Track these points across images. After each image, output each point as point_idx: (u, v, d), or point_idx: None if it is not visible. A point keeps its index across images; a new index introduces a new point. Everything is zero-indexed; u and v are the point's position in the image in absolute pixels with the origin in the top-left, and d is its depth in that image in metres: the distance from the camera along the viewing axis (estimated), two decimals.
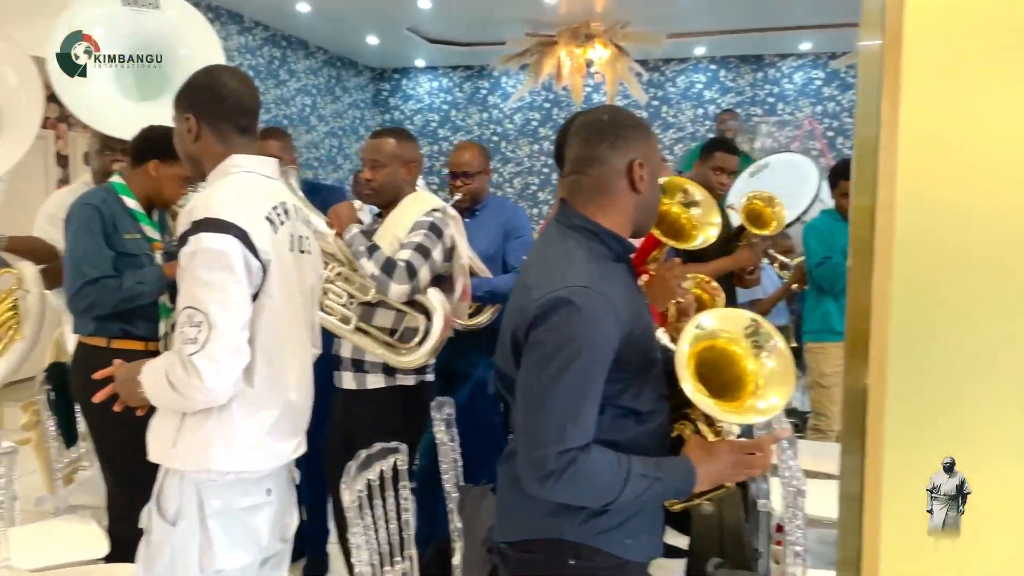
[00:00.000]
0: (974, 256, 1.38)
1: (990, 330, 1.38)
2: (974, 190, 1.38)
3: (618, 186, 1.47)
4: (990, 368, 1.39)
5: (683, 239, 2.16)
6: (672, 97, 8.20)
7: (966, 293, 1.39)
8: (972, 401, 1.40)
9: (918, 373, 1.41)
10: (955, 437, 1.43)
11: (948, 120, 1.39)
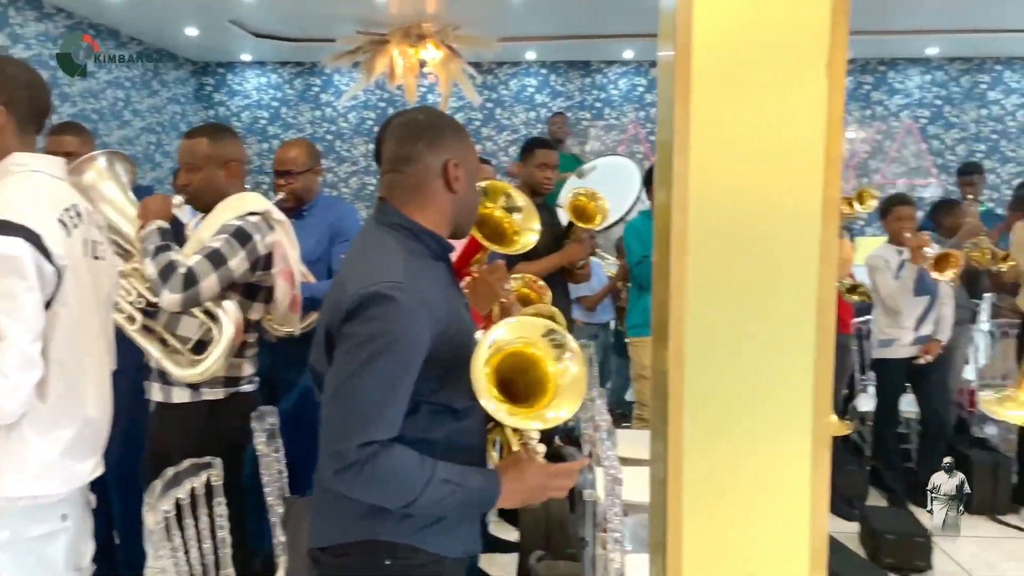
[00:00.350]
0: (761, 247, 1.50)
1: (778, 319, 1.50)
2: (760, 187, 1.49)
3: (434, 185, 1.49)
4: (777, 354, 1.51)
5: (504, 243, 2.21)
6: (505, 99, 8.35)
7: (757, 283, 1.50)
8: (765, 387, 1.52)
9: (714, 360, 1.51)
10: (752, 423, 1.54)
11: (735, 124, 1.50)
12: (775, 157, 1.48)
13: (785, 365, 1.50)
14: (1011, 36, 6.90)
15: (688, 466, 1.52)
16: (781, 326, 1.49)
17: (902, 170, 8.01)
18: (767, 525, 1.53)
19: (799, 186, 1.47)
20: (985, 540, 3.60)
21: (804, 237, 1.47)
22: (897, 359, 3.95)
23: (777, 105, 1.47)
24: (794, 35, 1.46)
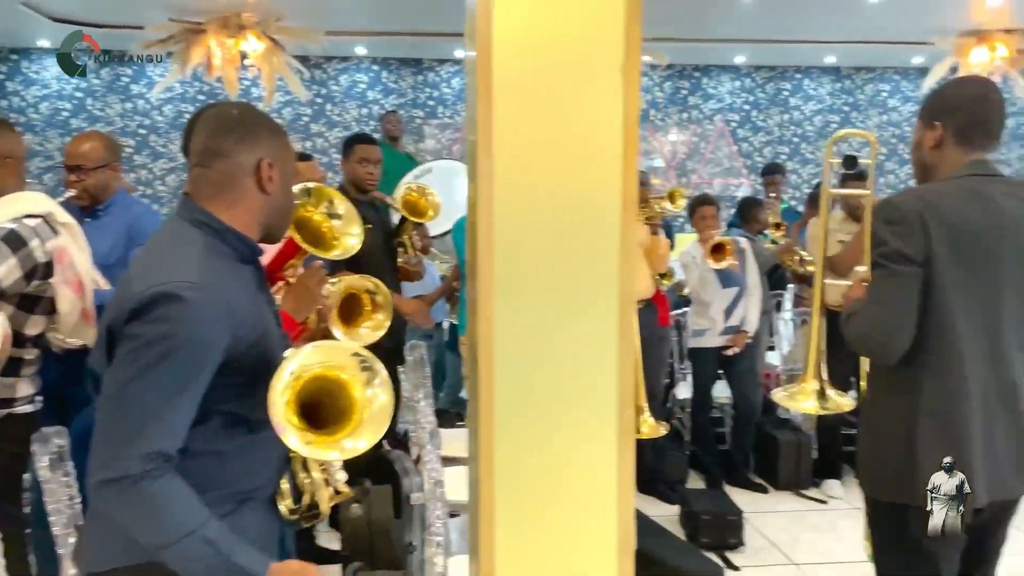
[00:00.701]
0: (565, 245, 1.51)
1: (582, 315, 1.52)
2: (562, 186, 1.51)
3: (244, 184, 1.41)
4: (582, 349, 1.53)
5: (323, 247, 2.13)
6: (336, 95, 8.14)
7: (562, 280, 1.51)
8: (572, 381, 1.54)
9: (522, 357, 1.51)
10: (560, 418, 1.55)
11: (536, 123, 1.50)
12: (575, 156, 1.50)
13: (590, 359, 1.52)
14: (809, 47, 7.54)
15: (499, 463, 1.51)
16: (585, 322, 1.51)
17: (716, 170, 8.54)
18: (576, 515, 1.55)
19: (599, 185, 1.50)
20: (790, 514, 3.89)
21: (605, 234, 1.50)
22: (709, 348, 4.19)
23: (576, 105, 1.49)
24: (590, 37, 1.48)
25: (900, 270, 1.66)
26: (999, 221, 1.67)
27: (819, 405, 1.98)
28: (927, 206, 1.67)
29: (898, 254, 1.66)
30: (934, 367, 1.70)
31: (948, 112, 1.76)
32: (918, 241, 1.65)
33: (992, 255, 1.67)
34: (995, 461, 1.69)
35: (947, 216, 1.66)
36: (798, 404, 2.01)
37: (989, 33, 6.53)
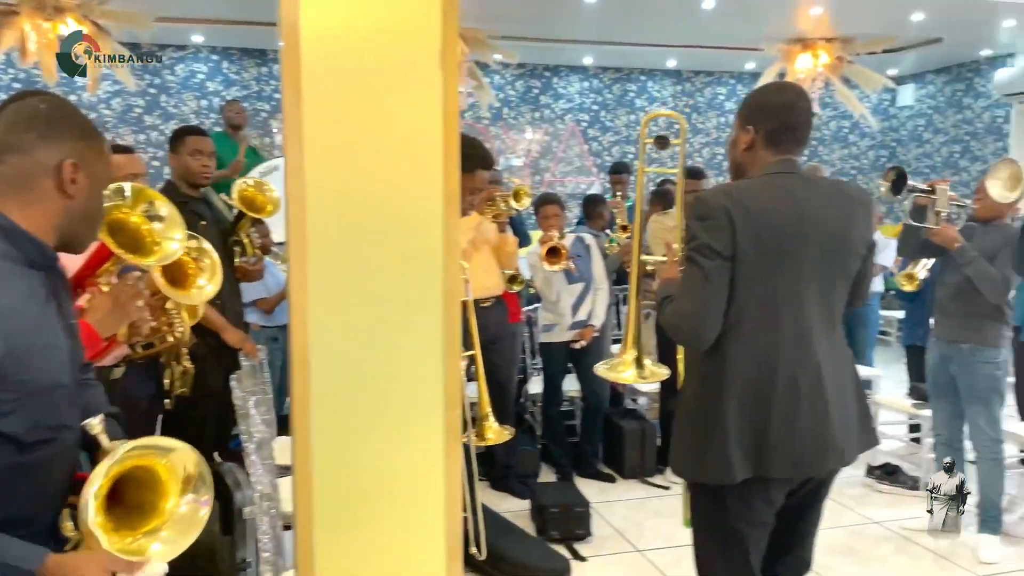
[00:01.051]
0: (385, 242, 1.45)
1: (404, 314, 1.47)
2: (381, 181, 1.44)
3: (42, 185, 1.29)
4: (406, 349, 1.48)
5: (142, 253, 1.97)
6: (172, 86, 7.67)
7: (382, 278, 1.45)
8: (395, 383, 1.48)
9: (341, 359, 1.44)
10: (384, 421, 1.49)
11: (351, 117, 1.44)
12: (393, 151, 1.44)
13: (414, 360, 1.47)
14: (652, 50, 7.83)
15: (318, 470, 1.43)
16: (408, 322, 1.46)
17: (568, 169, 8.72)
18: (402, 521, 1.49)
19: (418, 181, 1.45)
20: (635, 502, 4.01)
21: (426, 232, 1.45)
22: (558, 343, 4.25)
23: (392, 98, 1.43)
24: (406, 27, 1.42)
25: (708, 264, 1.72)
26: (802, 215, 1.77)
27: (637, 374, 2.05)
28: (734, 202, 1.74)
29: (707, 248, 1.73)
30: (742, 353, 1.77)
31: (760, 117, 1.85)
32: (725, 235, 1.72)
33: (796, 247, 1.76)
34: (800, 441, 1.78)
35: (753, 211, 1.74)
36: (619, 375, 2.07)
37: (813, 41, 7.01)
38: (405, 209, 1.45)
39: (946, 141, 8.61)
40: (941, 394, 3.59)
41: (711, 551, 1.87)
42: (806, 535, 1.98)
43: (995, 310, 3.35)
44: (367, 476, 1.49)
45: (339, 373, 1.45)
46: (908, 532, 3.66)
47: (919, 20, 6.39)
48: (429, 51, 1.43)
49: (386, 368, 1.47)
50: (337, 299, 1.45)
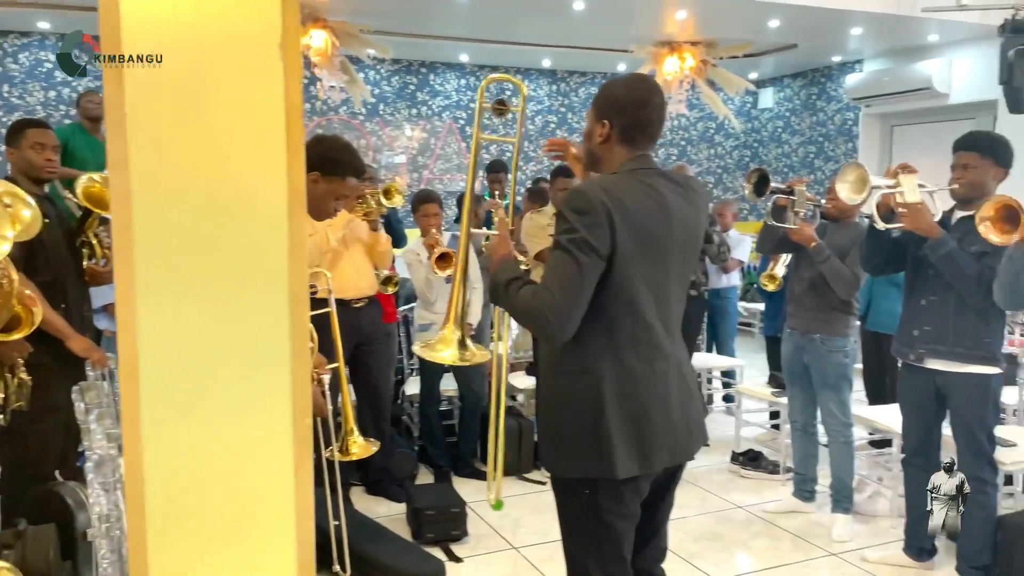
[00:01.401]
0: (223, 242, 1.36)
1: (247, 319, 1.39)
2: (218, 176, 1.36)
3: None
4: (249, 357, 1.40)
5: None
6: (15, 75, 7.09)
7: (221, 280, 1.37)
8: (238, 394, 1.40)
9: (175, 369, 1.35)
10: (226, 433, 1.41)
11: (181, 105, 1.34)
12: (231, 144, 1.36)
13: (258, 367, 1.40)
14: (527, 49, 7.89)
15: (152, 486, 1.34)
16: (251, 326, 1.38)
17: (447, 167, 8.68)
18: (249, 539, 1.42)
19: (260, 175, 1.37)
20: (513, 499, 4.02)
21: (269, 229, 1.37)
22: None
23: (228, 87, 1.34)
24: (241, 9, 1.34)
25: (583, 259, 1.71)
26: (667, 213, 1.80)
27: (458, 355, 1.97)
28: (612, 199, 1.74)
29: (584, 243, 1.71)
30: (620, 350, 1.79)
31: (615, 112, 1.86)
32: (604, 233, 1.72)
33: (662, 244, 1.80)
34: (673, 430, 1.83)
35: (629, 209, 1.75)
36: (437, 354, 1.98)
37: (679, 44, 7.25)
38: (245, 206, 1.37)
39: (802, 142, 9.11)
40: (796, 382, 3.79)
41: (583, 547, 1.87)
42: (662, 524, 2.02)
43: (844, 303, 3.56)
44: (209, 493, 1.40)
45: (173, 383, 1.35)
46: (769, 515, 3.84)
47: (775, 26, 6.72)
48: (268, 37, 1.36)
49: (227, 377, 1.38)
50: (169, 303, 1.36)
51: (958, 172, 3.01)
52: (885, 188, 2.99)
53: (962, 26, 6.37)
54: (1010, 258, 2.61)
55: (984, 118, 7.13)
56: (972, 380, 2.94)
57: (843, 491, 3.66)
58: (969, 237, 2.89)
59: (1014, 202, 2.40)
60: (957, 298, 2.92)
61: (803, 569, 3.30)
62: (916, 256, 3.06)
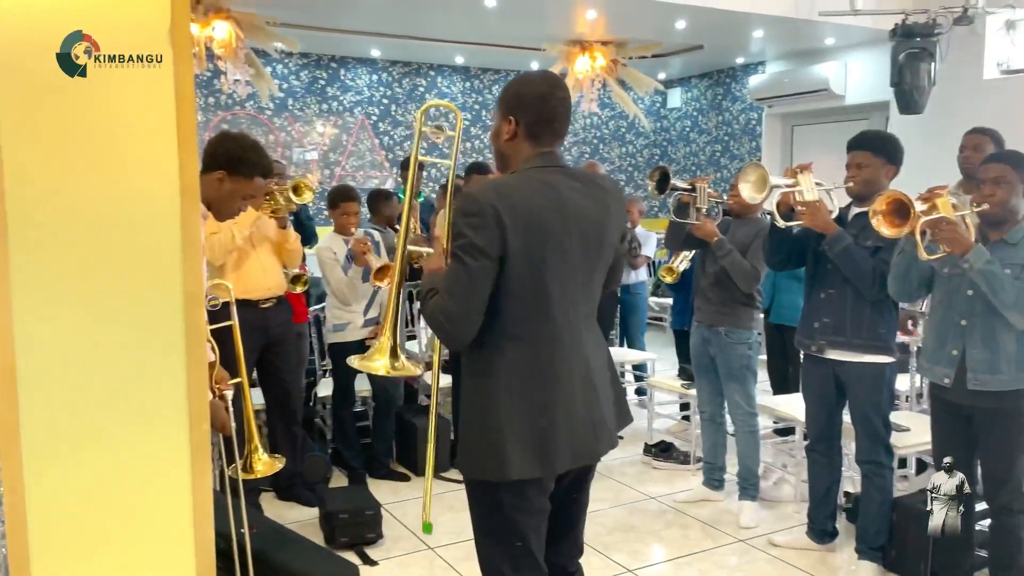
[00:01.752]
0: (110, 240, 1.28)
1: (137, 320, 1.32)
2: (101, 172, 1.28)
3: None
4: (140, 360, 1.33)
5: None
6: None
7: (108, 280, 1.29)
8: (128, 399, 1.33)
9: (56, 375, 1.26)
10: (115, 441, 1.33)
11: (60, 97, 1.27)
12: (115, 138, 1.29)
13: (151, 372, 1.33)
14: (440, 45, 7.83)
15: (35, 500, 1.26)
16: (142, 328, 1.31)
17: (359, 163, 8.54)
18: (142, 552, 1.35)
19: (149, 171, 1.30)
20: None
21: (162, 228, 1.30)
22: (350, 342, 4.11)
23: (112, 78, 1.28)
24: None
25: (473, 264, 1.71)
26: (565, 209, 1.80)
27: (390, 364, 1.98)
28: (502, 200, 1.73)
29: (473, 247, 1.71)
30: (517, 351, 1.78)
31: (520, 108, 1.85)
32: (493, 234, 1.71)
33: (562, 241, 1.79)
34: (577, 432, 1.82)
35: (521, 209, 1.74)
36: (372, 364, 2.02)
37: (590, 44, 7.34)
38: (134, 203, 1.30)
39: (709, 141, 9.38)
40: (703, 374, 3.88)
41: (493, 546, 1.87)
42: (578, 519, 2.03)
43: (747, 296, 3.67)
44: (99, 504, 1.33)
45: (56, 391, 1.28)
46: (680, 505, 3.93)
47: (682, 28, 6.88)
48: (156, 25, 1.29)
49: (116, 382, 1.31)
50: (50, 306, 1.28)
51: (852, 170, 3.14)
52: (785, 187, 3.10)
53: (856, 30, 6.66)
54: (901, 251, 2.74)
55: (877, 118, 7.49)
56: (868, 369, 3.07)
57: (750, 479, 3.77)
58: (865, 233, 3.02)
59: (904, 196, 2.53)
60: (854, 291, 3.05)
61: (713, 556, 3.39)
62: (815, 251, 3.18)
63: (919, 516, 3.08)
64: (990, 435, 2.63)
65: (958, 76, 6.23)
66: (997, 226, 2.59)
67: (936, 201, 2.50)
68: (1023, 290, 2.44)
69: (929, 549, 3.01)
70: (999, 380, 2.55)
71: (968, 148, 3.76)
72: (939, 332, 2.71)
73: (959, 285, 2.63)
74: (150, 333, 1.36)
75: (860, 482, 3.25)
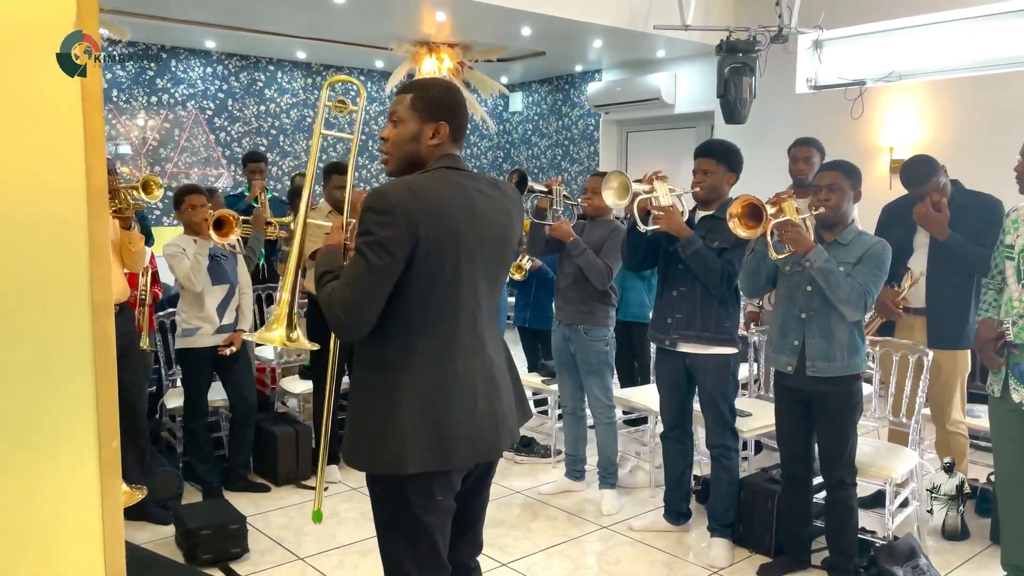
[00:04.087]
0: (11, 247, 1.20)
1: (41, 333, 1.23)
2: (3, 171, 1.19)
3: None
4: (45, 376, 1.24)
5: None
6: None
7: (10, 291, 1.20)
8: (32, 418, 1.23)
9: None
10: (19, 463, 1.24)
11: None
12: (18, 137, 1.20)
13: (56, 388, 1.24)
14: (281, 39, 7.57)
15: None
16: (45, 340, 1.22)
17: (193, 160, 8.09)
18: (54, 570, 1.26)
19: (52, 171, 1.22)
20: (293, 508, 3.88)
21: (66, 232, 1.22)
22: (202, 348, 3.92)
23: (14, 73, 1.18)
24: None
25: (377, 261, 1.72)
26: (473, 212, 1.84)
27: (286, 335, 1.98)
28: (415, 198, 1.75)
29: (379, 244, 1.72)
30: (421, 348, 1.80)
31: (448, 113, 1.89)
32: (402, 234, 1.73)
33: (471, 243, 1.83)
34: (479, 429, 1.86)
35: (433, 207, 1.77)
36: (269, 335, 2.00)
37: (437, 45, 7.38)
38: (37, 206, 1.22)
39: (550, 144, 9.69)
40: (564, 370, 4.04)
41: (399, 545, 1.86)
42: (477, 517, 2.07)
43: (603, 295, 3.86)
44: (3, 522, 1.23)
45: None
46: (544, 497, 4.07)
47: (528, 34, 7.08)
48: (60, 18, 1.21)
49: (17, 397, 1.22)
50: None
51: (698, 176, 3.39)
52: (643, 193, 3.29)
53: (686, 44, 7.15)
54: (752, 251, 3.01)
55: (703, 127, 8.07)
56: (716, 360, 3.33)
57: (609, 468, 3.97)
58: (711, 234, 3.28)
59: (757, 200, 2.77)
60: (703, 289, 3.29)
61: (580, 544, 3.54)
62: (667, 252, 3.41)
63: (763, 493, 3.39)
64: (826, 416, 2.95)
65: (774, 90, 6.85)
66: (831, 228, 2.91)
67: (783, 205, 2.77)
68: (855, 286, 2.75)
69: (773, 523, 3.32)
70: (833, 367, 2.86)
71: (800, 160, 4.16)
72: (782, 324, 3.00)
73: (799, 282, 2.92)
74: (54, 345, 1.28)
75: (710, 465, 3.51)
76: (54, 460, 1.27)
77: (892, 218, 3.85)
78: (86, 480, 1.29)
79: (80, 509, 1.28)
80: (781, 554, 3.28)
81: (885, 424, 3.75)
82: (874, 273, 2.80)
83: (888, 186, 6.16)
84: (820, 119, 6.60)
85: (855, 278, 2.79)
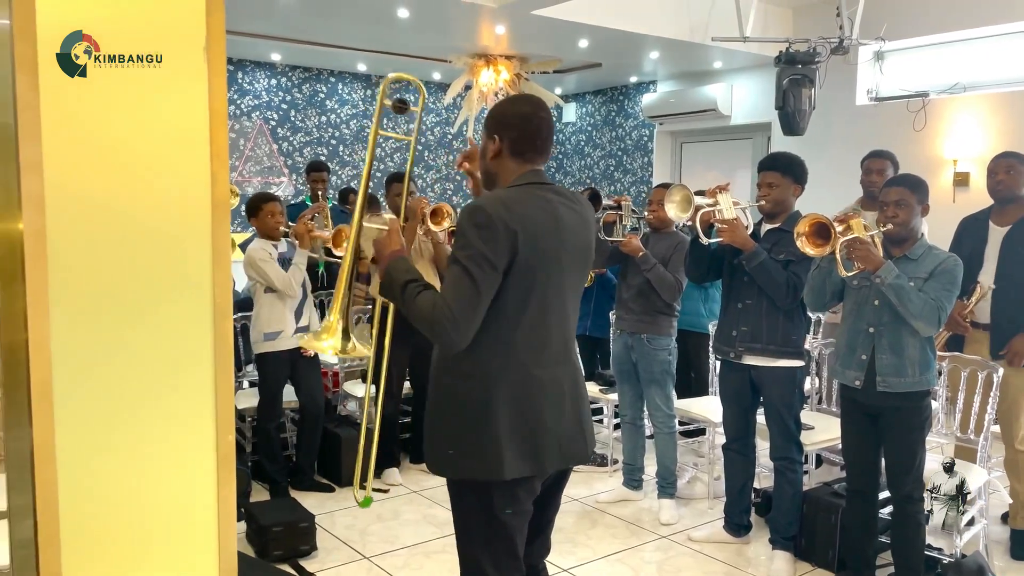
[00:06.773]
0: (144, 251, 1.29)
1: (169, 330, 1.32)
2: (136, 183, 1.28)
3: None
4: (171, 370, 1.33)
5: None
6: None
7: (141, 291, 1.29)
8: (160, 408, 1.32)
9: (92, 386, 1.26)
10: (146, 452, 1.33)
11: (102, 107, 1.26)
12: (151, 152, 1.29)
13: (181, 381, 1.33)
14: (343, 52, 7.76)
15: (66, 513, 1.24)
16: (172, 339, 1.32)
17: (257, 169, 8.33)
18: (172, 560, 1.35)
19: (181, 185, 1.31)
20: (357, 508, 3.97)
21: (193, 239, 1.32)
22: (281, 351, 4.00)
23: (148, 92, 1.28)
24: (163, 13, 1.28)
25: (480, 275, 1.78)
26: (559, 226, 1.90)
27: (340, 346, 2.03)
28: (512, 214, 1.81)
29: (483, 258, 1.78)
30: (516, 358, 1.86)
31: (503, 127, 1.95)
32: (503, 248, 1.79)
33: (557, 256, 1.89)
34: (567, 435, 1.93)
35: (528, 223, 1.83)
36: (319, 344, 2.07)
37: (495, 57, 7.49)
38: (167, 214, 1.31)
39: (603, 155, 9.72)
40: (625, 379, 4.07)
41: (478, 545, 1.92)
42: (550, 520, 2.13)
43: (667, 306, 3.88)
44: (128, 516, 1.32)
45: (89, 401, 1.27)
46: (601, 505, 4.10)
47: (584, 46, 7.14)
48: (191, 40, 1.31)
49: (146, 393, 1.31)
50: (85, 317, 1.27)
51: (764, 190, 3.40)
52: (706, 206, 3.32)
53: (743, 55, 7.12)
54: (817, 267, 3.01)
55: (760, 139, 8.02)
56: (781, 373, 3.33)
57: (668, 478, 3.98)
58: (777, 247, 3.29)
59: (825, 219, 2.78)
60: (769, 302, 3.30)
61: (639, 552, 3.56)
62: (732, 265, 3.42)
63: (827, 507, 3.37)
64: (895, 431, 2.92)
65: (834, 101, 6.79)
66: (899, 244, 2.89)
67: (851, 222, 2.77)
68: (927, 301, 2.74)
69: (836, 537, 3.30)
70: (905, 382, 2.84)
71: (874, 172, 4.14)
72: (850, 339, 2.99)
73: (867, 296, 2.91)
74: (179, 344, 1.37)
75: (771, 478, 3.50)
76: (177, 450, 1.36)
77: (965, 231, 3.81)
78: (205, 470, 1.37)
79: (200, 496, 1.37)
80: (844, 569, 3.26)
81: (952, 441, 3.69)
82: (946, 288, 2.78)
83: (952, 199, 6.06)
84: (881, 131, 6.52)
85: (927, 293, 2.77)
